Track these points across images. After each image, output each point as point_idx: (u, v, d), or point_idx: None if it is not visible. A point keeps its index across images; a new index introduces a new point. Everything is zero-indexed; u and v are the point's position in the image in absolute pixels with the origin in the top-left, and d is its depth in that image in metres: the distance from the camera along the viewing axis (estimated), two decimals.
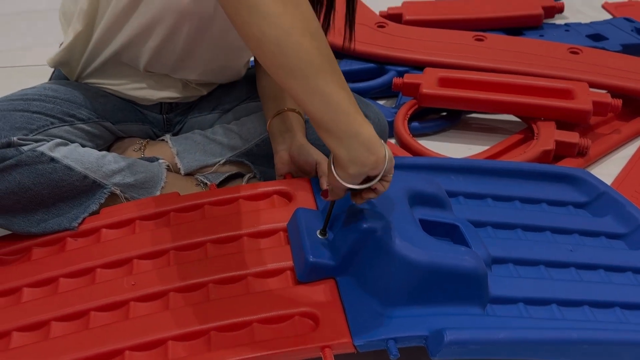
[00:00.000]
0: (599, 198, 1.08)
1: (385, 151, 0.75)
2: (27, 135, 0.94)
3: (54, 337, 0.77)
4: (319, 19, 1.06)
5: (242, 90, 1.19)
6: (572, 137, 1.27)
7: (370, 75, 1.56)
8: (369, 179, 0.76)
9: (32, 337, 0.78)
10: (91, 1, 1.02)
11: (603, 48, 1.59)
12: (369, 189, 0.77)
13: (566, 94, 1.35)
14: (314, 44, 0.69)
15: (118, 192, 1.01)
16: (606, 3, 1.95)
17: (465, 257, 0.80)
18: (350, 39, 1.08)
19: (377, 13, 1.77)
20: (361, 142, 0.73)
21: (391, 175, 0.78)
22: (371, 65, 1.57)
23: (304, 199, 0.95)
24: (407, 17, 1.73)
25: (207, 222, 0.93)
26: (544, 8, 1.76)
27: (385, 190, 0.78)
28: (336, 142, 0.74)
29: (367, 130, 0.73)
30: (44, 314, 0.80)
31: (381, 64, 1.57)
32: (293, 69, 0.70)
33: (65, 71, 1.13)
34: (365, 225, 0.79)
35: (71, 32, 1.06)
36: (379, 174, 0.75)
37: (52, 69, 1.18)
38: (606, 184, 1.10)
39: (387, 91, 1.51)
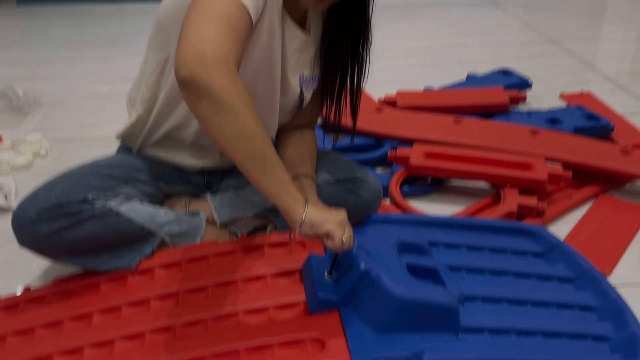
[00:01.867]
0: (552, 249, 1.10)
1: (303, 225, 0.83)
2: (99, 193, 1.00)
3: (118, 352, 0.81)
4: (331, 109, 1.15)
5: None
6: (531, 201, 1.27)
7: (370, 148, 1.58)
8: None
9: (100, 353, 0.82)
10: (151, 92, 1.09)
11: (559, 130, 1.59)
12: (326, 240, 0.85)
13: (526, 167, 1.35)
14: (248, 145, 0.80)
15: (167, 239, 1.06)
16: (562, 94, 1.96)
17: (442, 295, 0.84)
18: (354, 124, 1.16)
19: (376, 100, 1.82)
20: (284, 211, 0.83)
21: (335, 238, 0.83)
22: (371, 140, 1.59)
23: (315, 247, 0.99)
24: (400, 103, 1.76)
25: (238, 265, 0.96)
26: (510, 98, 1.77)
27: (337, 245, 0.84)
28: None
29: (290, 208, 0.83)
30: (110, 334, 0.84)
31: (379, 139, 1.59)
32: (236, 159, 0.81)
33: (129, 143, 1.19)
34: (362, 269, 0.83)
35: (134, 114, 1.13)
36: (302, 232, 0.83)
37: (117, 141, 1.24)
38: (558, 239, 1.13)
39: (383, 161, 1.52)
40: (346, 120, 1.16)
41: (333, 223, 0.84)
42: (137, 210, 1.03)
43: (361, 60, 1.09)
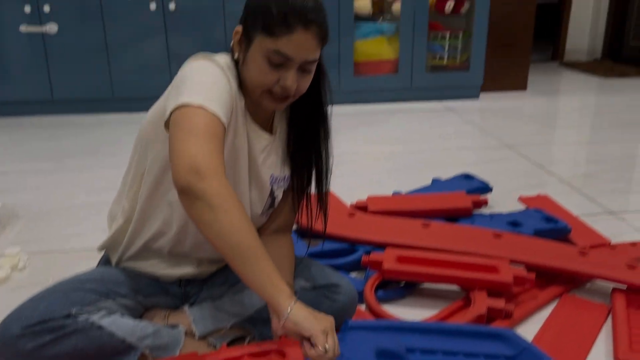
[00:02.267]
0: (522, 352, 1.13)
1: (290, 319, 0.89)
2: (81, 308, 1.02)
3: None
4: (302, 209, 1.21)
5: None
6: (499, 303, 1.30)
7: (344, 253, 1.61)
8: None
9: None
10: (131, 203, 1.14)
11: (520, 232, 1.66)
12: (306, 346, 0.90)
13: (492, 270, 1.39)
14: (234, 239, 0.89)
15: (147, 352, 1.07)
16: (521, 197, 2.05)
17: None
18: (325, 228, 1.23)
19: (348, 204, 1.89)
20: (271, 305, 0.91)
21: (319, 345, 0.88)
22: (344, 245, 1.62)
23: (295, 356, 0.97)
24: (371, 208, 1.82)
25: None
26: (473, 202, 1.85)
27: (319, 353, 0.88)
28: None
29: (275, 299, 0.90)
30: None
31: (352, 244, 1.63)
32: (225, 254, 0.90)
33: (109, 254, 1.22)
34: None
35: (114, 226, 1.17)
36: (285, 327, 0.90)
37: (96, 253, 1.27)
38: (527, 341, 1.16)
39: (357, 266, 1.55)
40: (318, 225, 1.22)
41: (317, 330, 0.87)
42: (118, 323, 1.05)
43: (325, 155, 1.17)
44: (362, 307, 1.39)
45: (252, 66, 1.03)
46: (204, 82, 0.99)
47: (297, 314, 0.88)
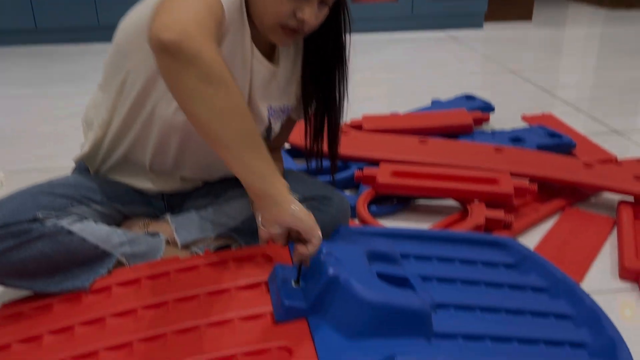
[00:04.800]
0: (524, 260, 1.09)
1: (291, 208, 0.81)
2: (50, 212, 0.95)
3: None
4: (312, 141, 1.16)
5: (231, 179, 1.21)
6: (498, 214, 1.26)
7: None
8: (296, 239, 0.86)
9: None
10: (110, 114, 1.07)
11: (522, 148, 1.60)
12: (299, 245, 0.85)
13: (492, 182, 1.35)
14: (241, 123, 0.75)
15: (124, 260, 1.01)
16: (524, 115, 1.98)
17: (413, 299, 0.81)
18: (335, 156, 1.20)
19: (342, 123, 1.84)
20: (270, 195, 0.80)
21: (315, 240, 0.84)
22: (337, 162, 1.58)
23: (282, 258, 0.95)
24: (366, 126, 1.76)
25: (202, 279, 0.91)
26: (474, 119, 1.79)
27: (312, 254, 0.83)
28: (254, 196, 0.82)
29: (277, 188, 0.81)
30: (62, 354, 0.78)
31: (345, 161, 1.58)
32: (223, 141, 0.76)
33: (87, 164, 1.16)
34: (331, 274, 0.80)
35: (92, 136, 1.10)
36: (289, 227, 0.83)
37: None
38: (529, 249, 1.11)
39: (351, 183, 1.51)
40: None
41: (318, 229, 0.84)
42: (91, 229, 0.99)
43: (340, 94, 1.12)
44: (356, 221, 1.35)
45: None
46: None
47: (302, 210, 0.83)
